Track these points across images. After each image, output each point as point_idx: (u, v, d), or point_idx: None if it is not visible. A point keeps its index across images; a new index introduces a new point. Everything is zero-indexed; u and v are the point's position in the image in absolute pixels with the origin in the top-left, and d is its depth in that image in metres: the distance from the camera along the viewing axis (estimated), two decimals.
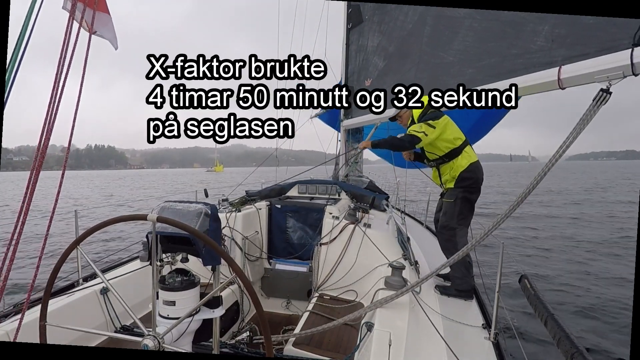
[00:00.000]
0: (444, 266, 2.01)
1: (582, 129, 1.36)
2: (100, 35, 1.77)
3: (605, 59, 1.42)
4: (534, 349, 3.83)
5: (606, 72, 1.38)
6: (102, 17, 1.72)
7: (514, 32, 1.97)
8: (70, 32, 1.31)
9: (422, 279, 1.93)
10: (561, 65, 1.61)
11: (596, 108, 1.33)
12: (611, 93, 1.33)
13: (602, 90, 1.33)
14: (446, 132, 2.71)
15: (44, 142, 1.25)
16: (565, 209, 15.51)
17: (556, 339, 1.51)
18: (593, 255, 7.78)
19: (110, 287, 1.23)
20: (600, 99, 1.33)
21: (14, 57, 1.21)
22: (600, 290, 5.59)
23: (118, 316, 2.22)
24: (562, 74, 1.59)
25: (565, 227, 11.65)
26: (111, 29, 1.80)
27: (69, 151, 1.48)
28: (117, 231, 9.67)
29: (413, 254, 2.76)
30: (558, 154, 1.40)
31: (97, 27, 1.69)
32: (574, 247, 8.66)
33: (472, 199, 2.70)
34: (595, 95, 1.34)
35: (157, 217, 1.10)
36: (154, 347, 1.12)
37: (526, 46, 1.87)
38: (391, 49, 3.64)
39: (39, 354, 1.03)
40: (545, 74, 1.70)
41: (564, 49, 1.63)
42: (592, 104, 1.33)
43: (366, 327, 1.73)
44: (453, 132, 2.74)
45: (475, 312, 2.38)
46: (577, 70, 1.54)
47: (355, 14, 4.89)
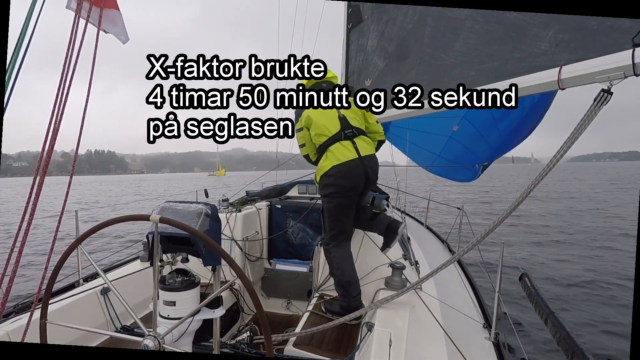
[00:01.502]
0: (444, 266, 1.98)
1: (583, 130, 1.36)
2: (108, 31, 1.76)
3: (606, 60, 1.41)
4: (534, 348, 3.83)
5: (607, 72, 1.38)
6: (111, 14, 1.72)
7: (516, 36, 1.97)
8: (76, 30, 1.30)
9: (422, 278, 1.93)
10: (562, 66, 1.61)
11: (597, 108, 1.33)
12: (612, 93, 1.33)
13: (603, 90, 1.33)
14: (311, 128, 2.36)
15: (49, 146, 1.25)
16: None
17: (556, 337, 1.51)
18: (594, 253, 7.78)
19: (111, 286, 1.23)
20: (601, 99, 1.33)
21: (13, 59, 1.21)
22: (601, 289, 5.59)
23: (118, 316, 2.22)
24: (563, 74, 1.59)
25: (567, 221, 11.67)
26: (120, 24, 1.79)
27: (77, 156, 1.47)
28: (116, 231, 9.67)
29: (413, 254, 2.76)
30: (559, 154, 1.40)
31: (106, 25, 1.69)
32: (574, 244, 8.66)
33: (341, 204, 2.28)
34: (596, 96, 1.34)
35: (159, 217, 1.10)
36: (155, 347, 1.12)
37: (530, 50, 1.86)
38: (390, 49, 3.64)
39: (39, 353, 1.03)
40: (545, 75, 1.70)
41: (567, 53, 1.63)
42: (593, 104, 1.33)
43: (366, 327, 1.73)
44: (317, 127, 2.34)
45: (475, 311, 2.38)
46: (578, 71, 1.53)
47: (355, 14, 4.89)
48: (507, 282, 4.86)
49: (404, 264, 2.30)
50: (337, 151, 2.25)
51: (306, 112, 2.41)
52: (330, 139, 2.29)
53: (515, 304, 4.71)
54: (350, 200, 2.28)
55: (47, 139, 1.24)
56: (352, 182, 2.23)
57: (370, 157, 2.28)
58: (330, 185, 2.25)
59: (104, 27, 1.68)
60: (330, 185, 2.25)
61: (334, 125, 2.32)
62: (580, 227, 11.25)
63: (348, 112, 2.38)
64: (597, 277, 6.19)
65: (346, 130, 2.30)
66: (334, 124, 2.32)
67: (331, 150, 2.27)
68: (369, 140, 2.38)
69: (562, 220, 12.68)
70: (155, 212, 1.26)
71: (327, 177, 2.25)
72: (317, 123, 2.35)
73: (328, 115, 2.35)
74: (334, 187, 2.24)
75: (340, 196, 2.25)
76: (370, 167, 2.25)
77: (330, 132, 2.30)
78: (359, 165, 2.21)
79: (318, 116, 2.36)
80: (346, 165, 2.21)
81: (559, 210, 15.14)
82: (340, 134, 2.29)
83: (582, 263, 7.15)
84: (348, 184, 2.22)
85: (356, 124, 2.36)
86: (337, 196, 2.26)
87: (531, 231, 10.29)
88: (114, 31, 1.79)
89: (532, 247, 8.48)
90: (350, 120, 2.34)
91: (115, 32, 1.79)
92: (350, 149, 2.24)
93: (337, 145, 2.27)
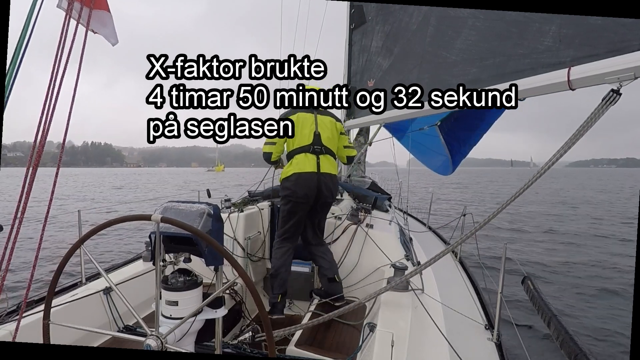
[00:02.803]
0: (429, 263, 1.85)
1: (588, 129, 1.35)
2: (97, 32, 1.75)
3: (615, 61, 1.41)
4: (537, 350, 3.81)
5: (617, 73, 1.37)
6: (101, 15, 1.71)
7: (518, 32, 1.95)
8: (67, 30, 1.31)
9: (416, 269, 1.81)
10: (570, 67, 1.60)
11: (604, 108, 1.33)
12: (621, 94, 1.33)
13: (613, 90, 1.33)
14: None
15: (40, 140, 1.25)
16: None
17: (559, 340, 1.51)
18: (595, 255, 7.75)
19: (113, 286, 1.23)
20: (609, 99, 1.32)
21: (15, 54, 1.21)
22: (603, 291, 5.56)
23: (121, 316, 2.23)
24: (572, 75, 1.59)
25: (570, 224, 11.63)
26: (110, 26, 1.78)
27: (63, 150, 1.48)
28: (117, 231, 9.69)
29: (415, 255, 2.76)
30: (563, 150, 1.39)
31: (95, 25, 1.68)
32: (577, 246, 8.63)
33: (292, 209, 2.53)
34: (605, 95, 1.33)
35: (161, 217, 1.10)
36: (157, 347, 1.12)
37: (533, 46, 1.85)
38: (396, 50, 3.63)
39: (42, 353, 1.03)
40: (554, 75, 1.69)
41: (572, 50, 1.62)
42: (601, 103, 1.33)
43: (368, 327, 1.73)
44: (297, 131, 2.58)
45: (477, 313, 2.37)
46: (587, 72, 1.53)
47: (358, 15, 4.89)
48: (509, 284, 4.85)
49: (407, 264, 2.30)
50: (301, 161, 2.51)
51: (298, 114, 2.60)
52: (300, 148, 2.54)
53: (518, 305, 4.69)
54: (300, 208, 2.53)
55: (36, 137, 1.24)
56: (304, 191, 2.47)
57: (327, 175, 2.53)
58: (287, 189, 2.51)
59: (93, 28, 1.67)
60: (287, 189, 2.51)
61: (308, 137, 2.55)
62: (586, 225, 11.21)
63: (325, 131, 2.61)
64: (600, 278, 6.17)
65: (315, 146, 2.55)
66: (308, 136, 2.56)
67: (296, 159, 2.52)
68: (333, 162, 2.64)
69: (564, 218, 12.65)
70: (158, 211, 1.26)
71: (286, 181, 2.52)
72: (299, 129, 2.57)
73: (308, 127, 2.58)
74: (290, 192, 2.50)
75: (293, 201, 2.51)
76: (325, 183, 2.51)
77: (303, 142, 2.54)
78: (315, 179, 2.48)
79: (302, 123, 2.57)
80: (303, 175, 2.47)
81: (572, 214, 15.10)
82: (310, 147, 2.54)
83: (584, 263, 7.12)
84: (301, 192, 2.47)
85: (327, 144, 2.60)
86: (291, 201, 2.51)
87: (534, 239, 10.22)
88: (104, 32, 1.76)
89: (535, 246, 8.46)
90: (323, 139, 2.58)
91: (104, 34, 1.77)
92: (313, 162, 2.51)
93: (303, 156, 2.52)
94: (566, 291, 5.63)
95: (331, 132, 2.64)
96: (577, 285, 5.87)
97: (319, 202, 2.56)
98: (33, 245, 7.43)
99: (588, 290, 5.64)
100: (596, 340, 4.10)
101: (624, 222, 12.76)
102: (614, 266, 6.96)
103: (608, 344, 4.02)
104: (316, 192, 2.50)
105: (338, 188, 2.67)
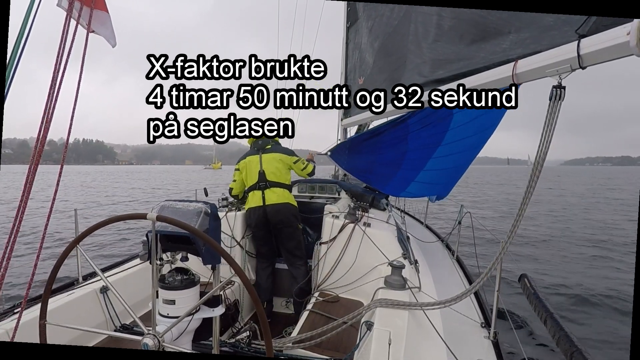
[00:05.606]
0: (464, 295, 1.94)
1: (551, 131, 1.34)
2: (98, 33, 1.75)
3: (553, 53, 1.41)
4: (533, 348, 3.83)
5: (555, 65, 1.38)
6: (100, 15, 1.70)
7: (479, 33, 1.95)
8: (67, 30, 1.30)
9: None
10: (517, 61, 1.61)
11: (555, 106, 1.32)
12: (564, 87, 1.32)
13: (554, 87, 1.33)
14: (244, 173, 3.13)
15: (42, 138, 1.25)
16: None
17: (556, 338, 1.51)
18: (594, 254, 7.80)
19: (110, 285, 1.22)
20: (556, 96, 1.32)
21: (14, 52, 1.20)
22: (600, 289, 5.59)
23: (118, 315, 2.22)
24: (517, 68, 1.60)
25: (566, 224, 11.69)
26: (109, 27, 1.78)
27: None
28: (116, 230, 9.66)
29: (413, 253, 2.76)
30: (538, 162, 1.39)
31: (95, 25, 1.67)
32: (574, 245, 8.67)
33: (255, 235, 3.17)
34: (550, 94, 1.33)
35: (156, 216, 1.10)
36: (154, 346, 1.11)
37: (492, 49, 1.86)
38: (376, 45, 3.62)
39: (38, 353, 1.03)
40: (501, 70, 1.71)
41: (521, 49, 1.65)
42: (550, 103, 1.33)
43: (366, 326, 1.73)
44: (246, 174, 3.11)
45: (474, 311, 2.38)
46: (529, 65, 1.54)
47: (353, 12, 4.89)
48: (506, 282, 4.86)
49: (404, 263, 2.30)
50: (250, 198, 3.08)
51: (246, 159, 3.13)
52: (250, 187, 3.09)
53: (515, 303, 4.71)
54: (258, 234, 3.13)
55: (39, 136, 1.24)
56: (255, 222, 3.04)
57: (273, 206, 2.99)
58: (247, 220, 3.16)
59: (94, 28, 1.66)
60: (248, 220, 3.15)
61: (254, 177, 3.07)
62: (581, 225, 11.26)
63: (270, 167, 3.06)
64: (597, 277, 6.20)
65: (260, 183, 3.04)
66: (254, 176, 3.06)
67: (248, 197, 3.11)
68: (281, 192, 3.04)
69: (562, 218, 12.70)
70: (155, 210, 1.25)
71: (246, 214, 3.15)
72: (247, 171, 3.11)
73: (254, 168, 3.08)
74: (248, 222, 3.16)
75: (254, 230, 3.13)
76: (270, 212, 2.99)
77: (252, 181, 3.08)
78: (261, 211, 3.00)
79: (249, 166, 3.10)
80: (252, 209, 3.04)
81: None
82: (256, 184, 3.05)
83: (583, 263, 7.16)
84: (254, 223, 3.06)
85: (273, 178, 3.05)
86: (252, 229, 3.14)
87: (533, 241, 10.26)
88: (104, 33, 1.76)
89: (532, 246, 8.49)
90: (267, 175, 3.04)
91: (104, 35, 1.76)
92: (259, 197, 3.01)
93: (252, 194, 3.07)
94: (564, 288, 5.66)
95: (276, 167, 3.06)
96: (576, 282, 5.90)
97: (274, 228, 3.05)
98: (26, 242, 7.32)
99: (587, 288, 5.67)
100: (596, 340, 4.12)
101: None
102: (614, 266, 7.00)
103: (608, 344, 4.04)
104: (265, 221, 3.01)
105: (292, 213, 3.05)
